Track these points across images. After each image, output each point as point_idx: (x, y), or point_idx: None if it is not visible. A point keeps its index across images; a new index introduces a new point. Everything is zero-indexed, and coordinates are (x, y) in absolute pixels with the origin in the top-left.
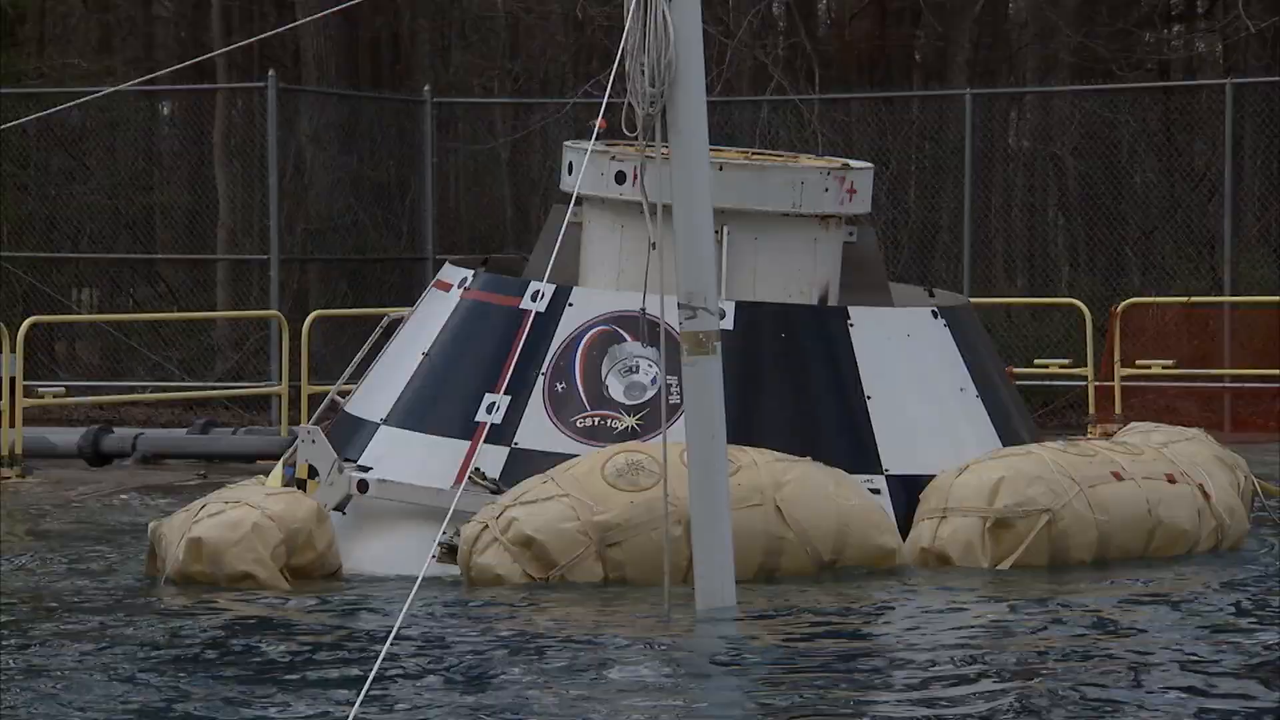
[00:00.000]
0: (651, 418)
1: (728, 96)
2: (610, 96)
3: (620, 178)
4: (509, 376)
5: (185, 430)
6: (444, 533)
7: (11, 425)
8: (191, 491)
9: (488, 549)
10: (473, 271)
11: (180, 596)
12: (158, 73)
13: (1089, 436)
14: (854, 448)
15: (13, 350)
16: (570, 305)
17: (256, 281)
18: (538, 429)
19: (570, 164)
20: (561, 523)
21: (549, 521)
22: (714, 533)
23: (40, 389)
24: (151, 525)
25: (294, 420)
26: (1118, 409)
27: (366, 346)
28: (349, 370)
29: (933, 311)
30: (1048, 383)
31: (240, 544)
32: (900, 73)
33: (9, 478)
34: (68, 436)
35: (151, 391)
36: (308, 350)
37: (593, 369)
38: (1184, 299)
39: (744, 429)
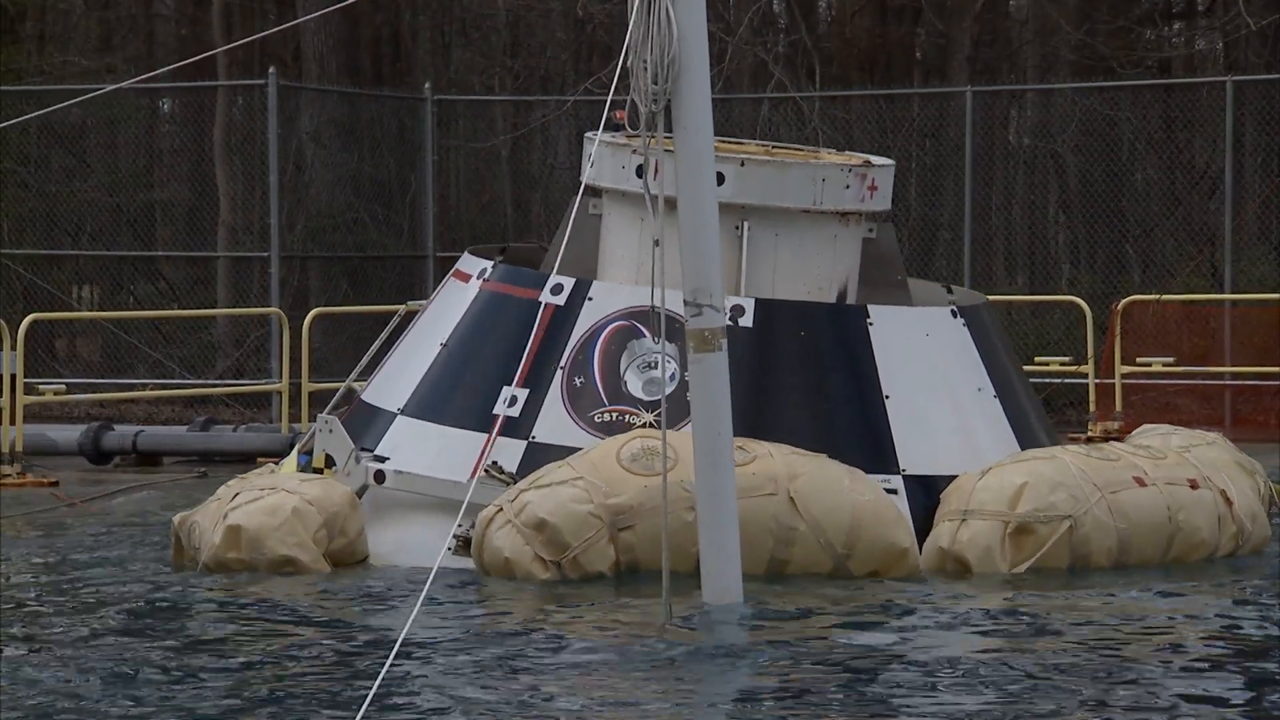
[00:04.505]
0: (669, 414)
1: (728, 94)
2: (614, 93)
3: (640, 172)
4: (527, 370)
5: (186, 428)
6: (459, 525)
7: (12, 423)
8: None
9: (499, 532)
10: (492, 263)
11: (207, 588)
12: (159, 70)
13: (1090, 434)
14: (871, 447)
15: (13, 347)
16: (590, 299)
17: (257, 279)
18: (556, 423)
19: (590, 155)
20: (574, 505)
21: (561, 504)
22: (720, 530)
23: (41, 386)
24: (177, 517)
25: (294, 418)
26: (1118, 406)
27: (384, 335)
28: (365, 359)
29: (952, 310)
30: (1048, 380)
31: (282, 528)
32: (901, 70)
33: (9, 475)
34: (68, 434)
35: (152, 389)
36: (308, 347)
37: (611, 364)
38: (1184, 297)
39: (761, 426)
